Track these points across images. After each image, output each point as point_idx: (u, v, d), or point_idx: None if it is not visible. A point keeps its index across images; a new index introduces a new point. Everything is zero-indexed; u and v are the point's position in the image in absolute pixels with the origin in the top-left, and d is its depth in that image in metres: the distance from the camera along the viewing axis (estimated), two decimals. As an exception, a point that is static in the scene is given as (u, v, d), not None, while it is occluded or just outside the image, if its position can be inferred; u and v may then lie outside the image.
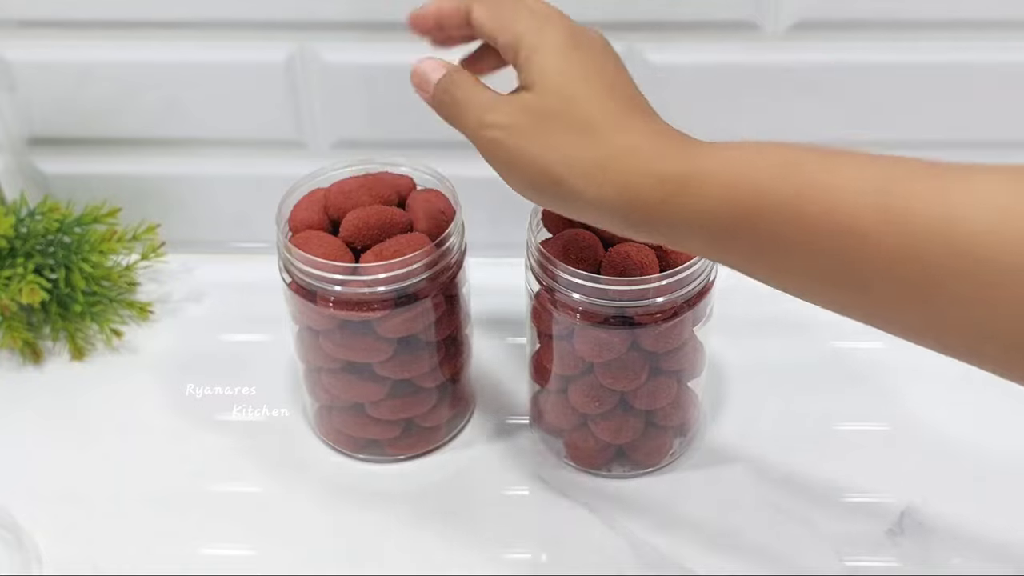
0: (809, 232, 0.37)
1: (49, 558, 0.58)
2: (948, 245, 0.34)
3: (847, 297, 0.38)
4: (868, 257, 0.36)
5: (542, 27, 0.45)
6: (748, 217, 0.38)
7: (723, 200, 0.39)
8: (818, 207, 0.36)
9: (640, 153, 0.41)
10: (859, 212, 0.35)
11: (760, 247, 0.39)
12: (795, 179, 0.37)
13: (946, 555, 0.57)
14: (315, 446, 0.65)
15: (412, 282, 0.56)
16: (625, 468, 0.62)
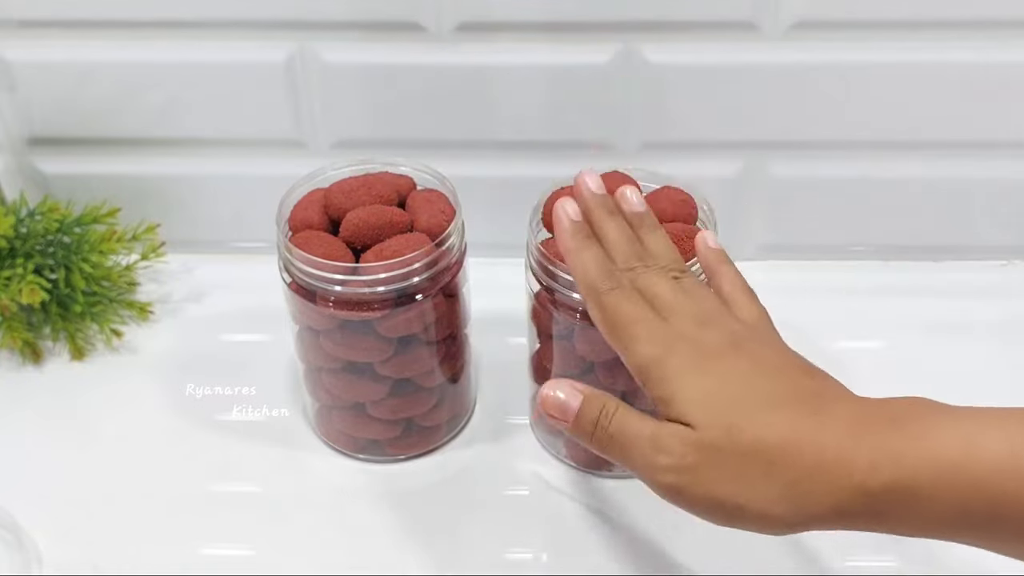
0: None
1: (49, 558, 0.58)
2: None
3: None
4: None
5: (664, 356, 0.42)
6: (983, 522, 0.37)
7: (949, 506, 0.37)
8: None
9: (833, 467, 0.37)
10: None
11: (998, 542, 0.38)
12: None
13: (946, 555, 0.57)
14: (315, 446, 0.65)
15: (412, 282, 0.56)
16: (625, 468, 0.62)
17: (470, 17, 0.67)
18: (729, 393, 0.40)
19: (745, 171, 0.74)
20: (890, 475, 0.37)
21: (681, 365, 0.41)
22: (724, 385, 0.40)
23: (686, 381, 0.41)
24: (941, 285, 0.76)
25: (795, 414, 0.39)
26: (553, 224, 0.47)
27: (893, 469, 0.37)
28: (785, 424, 0.39)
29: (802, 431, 0.38)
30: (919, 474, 0.36)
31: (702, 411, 0.40)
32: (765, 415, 0.39)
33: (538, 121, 0.72)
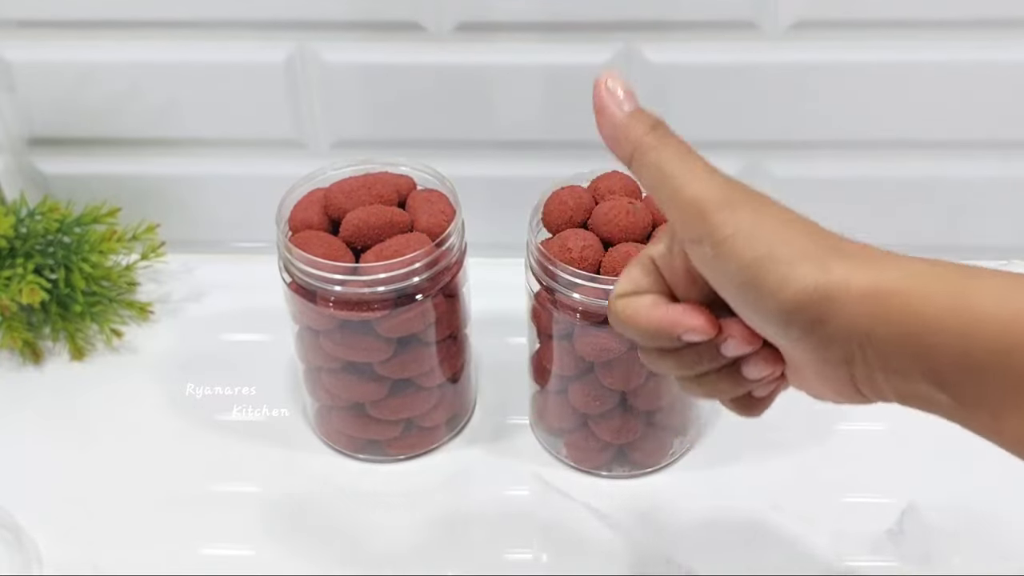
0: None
1: (49, 558, 0.58)
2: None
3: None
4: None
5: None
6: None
7: (997, 312, 0.33)
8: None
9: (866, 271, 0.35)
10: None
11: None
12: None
13: (946, 555, 0.57)
14: (315, 446, 0.65)
15: (412, 282, 0.56)
16: (625, 468, 0.62)
17: (470, 17, 0.67)
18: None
19: (745, 171, 0.74)
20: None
21: None
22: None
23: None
24: (941, 285, 0.76)
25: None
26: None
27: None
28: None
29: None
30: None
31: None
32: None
33: (538, 121, 0.72)
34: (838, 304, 0.35)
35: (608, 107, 0.40)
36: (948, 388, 0.35)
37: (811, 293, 0.35)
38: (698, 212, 0.37)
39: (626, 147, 0.39)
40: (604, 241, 0.57)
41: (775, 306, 0.36)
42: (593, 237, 0.57)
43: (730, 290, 0.37)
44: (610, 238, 0.57)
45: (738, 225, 0.36)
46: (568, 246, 0.56)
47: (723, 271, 0.37)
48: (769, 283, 0.35)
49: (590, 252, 0.56)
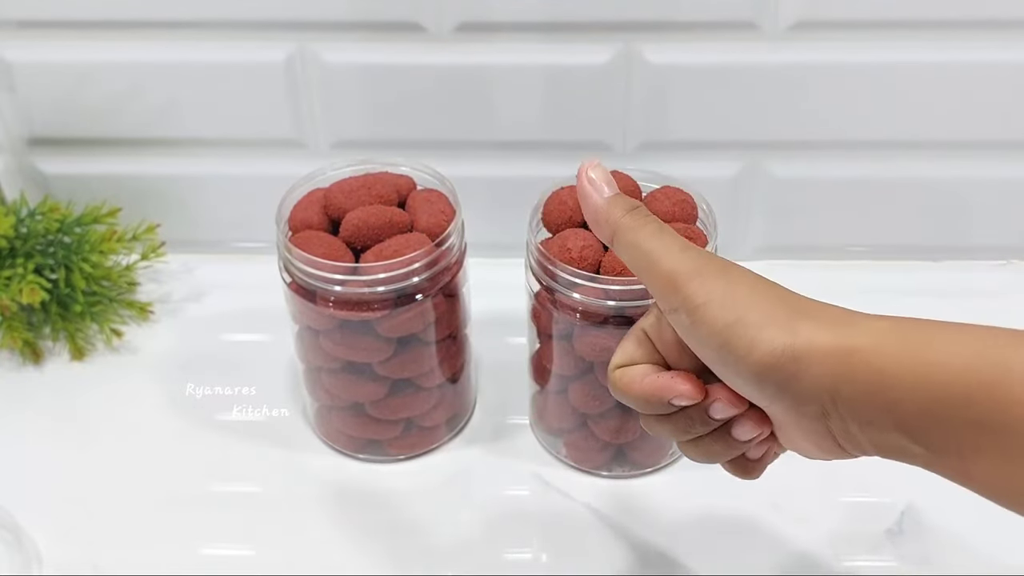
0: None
1: (49, 558, 0.58)
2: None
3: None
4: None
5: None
6: (986, 376, 0.35)
7: (955, 358, 0.35)
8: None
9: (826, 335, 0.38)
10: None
11: (991, 414, 0.35)
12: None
13: (946, 555, 0.57)
14: (315, 446, 0.65)
15: (412, 282, 0.56)
16: (625, 468, 0.62)
17: (470, 17, 0.67)
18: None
19: (745, 171, 0.74)
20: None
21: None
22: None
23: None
24: (940, 285, 0.76)
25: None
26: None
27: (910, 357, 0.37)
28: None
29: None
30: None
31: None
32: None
33: (538, 121, 0.72)
34: (804, 363, 0.37)
35: (590, 195, 0.45)
36: (918, 438, 0.36)
37: (779, 355, 0.38)
38: (673, 283, 0.40)
39: (607, 229, 0.44)
40: (604, 241, 0.57)
41: (747, 368, 0.38)
42: (593, 237, 0.57)
43: (708, 354, 0.40)
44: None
45: (710, 294, 0.39)
46: (568, 246, 0.56)
47: (699, 337, 0.40)
48: (740, 346, 0.38)
49: (590, 252, 0.56)
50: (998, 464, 0.35)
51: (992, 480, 0.36)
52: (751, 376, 0.38)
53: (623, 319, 0.55)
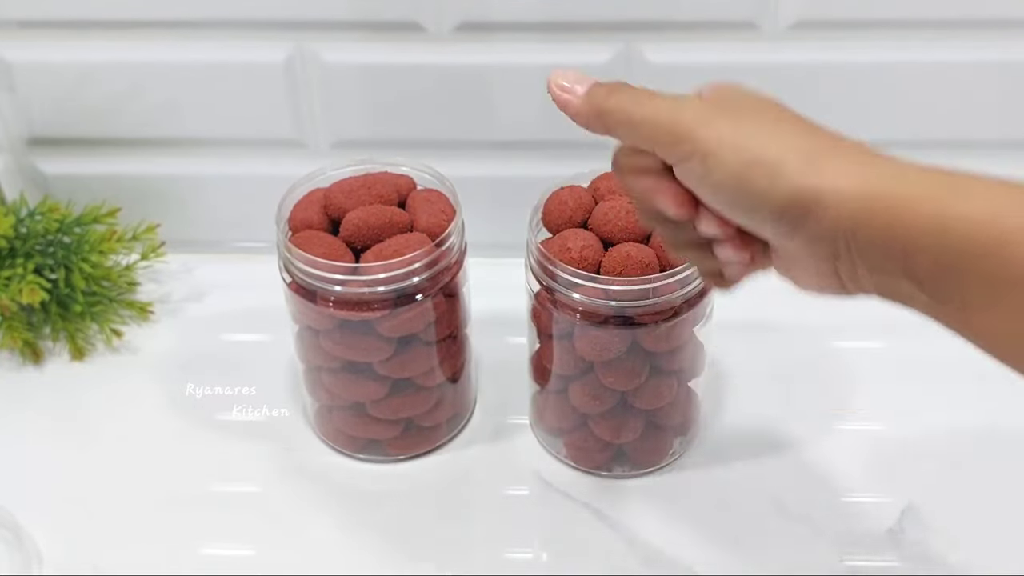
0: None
1: (49, 558, 0.58)
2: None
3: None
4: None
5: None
6: (1003, 232, 0.35)
7: (976, 211, 0.35)
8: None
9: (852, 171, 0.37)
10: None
11: (1007, 270, 0.34)
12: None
13: (946, 555, 0.57)
14: (315, 446, 0.65)
15: (412, 282, 0.56)
16: (625, 468, 0.62)
17: (470, 17, 0.67)
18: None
19: (745, 171, 0.73)
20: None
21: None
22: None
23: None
24: (941, 285, 0.76)
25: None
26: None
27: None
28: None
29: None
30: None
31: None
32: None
33: (538, 121, 0.72)
34: (826, 205, 0.36)
35: (568, 101, 0.43)
36: (927, 287, 0.36)
37: (801, 196, 0.37)
38: (678, 135, 0.39)
39: (597, 124, 0.42)
40: (604, 241, 0.57)
41: (765, 208, 0.37)
42: (593, 237, 0.57)
43: (723, 198, 0.39)
44: (610, 238, 0.57)
45: (720, 138, 0.38)
46: (568, 246, 0.56)
47: (714, 183, 0.38)
48: (758, 188, 0.37)
49: (590, 252, 0.56)
50: (1005, 319, 0.35)
51: (994, 333, 0.36)
52: (768, 216, 0.37)
53: (623, 319, 0.55)
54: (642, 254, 0.55)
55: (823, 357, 0.70)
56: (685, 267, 0.54)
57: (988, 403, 0.65)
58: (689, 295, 0.56)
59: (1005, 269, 0.34)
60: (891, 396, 0.67)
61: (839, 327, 0.72)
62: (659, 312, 0.55)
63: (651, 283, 0.54)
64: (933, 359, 0.69)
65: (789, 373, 0.69)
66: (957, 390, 0.66)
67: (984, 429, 0.64)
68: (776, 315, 0.73)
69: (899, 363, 0.69)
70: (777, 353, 0.70)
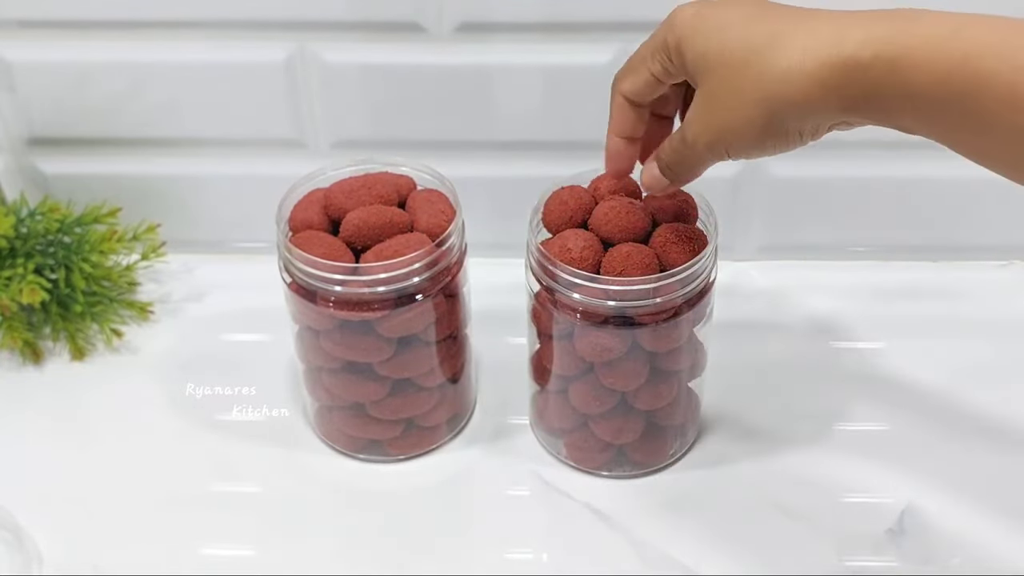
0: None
1: (49, 558, 0.58)
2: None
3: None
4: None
5: (672, 27, 0.51)
6: (959, 89, 0.39)
7: (933, 78, 0.39)
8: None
9: (827, 38, 0.42)
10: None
11: (966, 121, 0.39)
12: (1010, 57, 0.38)
13: (946, 555, 0.57)
14: (315, 446, 0.65)
15: (412, 282, 0.56)
16: (625, 468, 0.62)
17: (470, 17, 0.67)
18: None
19: (745, 171, 0.73)
20: (880, 47, 0.40)
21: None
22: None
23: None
24: (941, 285, 0.76)
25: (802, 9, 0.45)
26: None
27: (883, 44, 0.40)
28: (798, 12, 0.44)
29: (801, 17, 0.44)
30: (908, 45, 0.40)
31: (701, 77, 0.47)
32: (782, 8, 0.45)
33: (538, 121, 0.72)
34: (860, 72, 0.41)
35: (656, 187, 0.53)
36: (924, 122, 0.41)
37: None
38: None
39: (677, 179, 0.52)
40: (604, 241, 0.57)
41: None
42: (593, 237, 0.57)
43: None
44: (610, 238, 0.57)
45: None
46: (568, 246, 0.56)
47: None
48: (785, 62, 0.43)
49: (590, 252, 0.56)
50: (976, 154, 0.41)
51: (973, 149, 0.41)
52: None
53: (623, 319, 0.55)
54: (642, 254, 0.55)
55: (823, 357, 0.70)
56: (685, 267, 0.54)
57: (988, 402, 0.65)
58: (689, 295, 0.56)
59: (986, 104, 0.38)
60: (891, 396, 0.67)
61: (839, 327, 0.72)
62: (659, 312, 0.55)
63: (651, 283, 0.54)
64: (933, 359, 0.69)
65: (789, 373, 0.69)
66: (957, 389, 0.66)
67: (984, 429, 0.64)
68: (776, 315, 0.73)
69: (899, 363, 0.69)
70: (777, 353, 0.70)
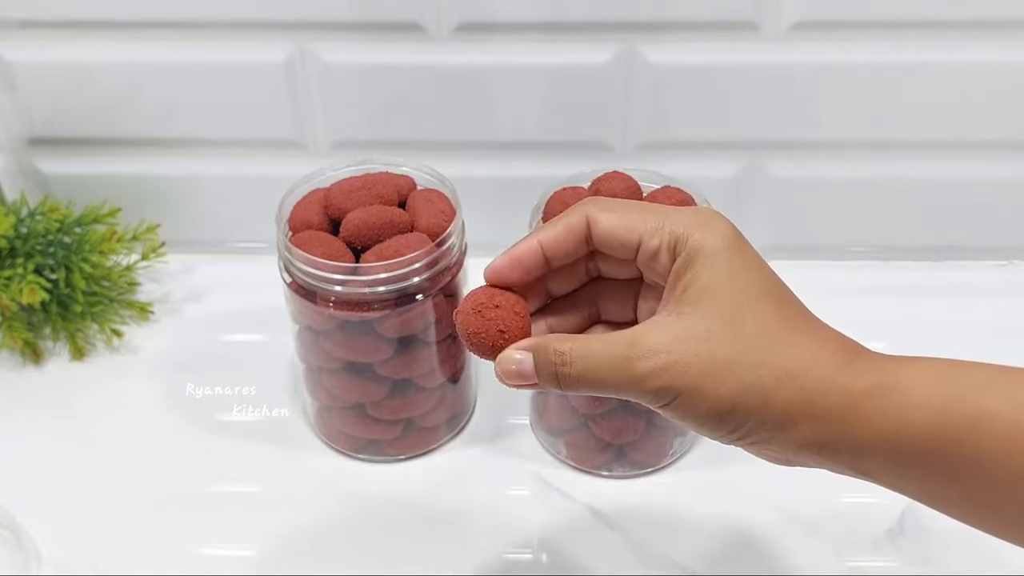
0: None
1: (49, 558, 0.58)
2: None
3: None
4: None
5: (707, 227, 0.39)
6: (955, 430, 0.35)
7: (924, 410, 0.35)
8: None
9: (823, 365, 0.37)
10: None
11: (960, 466, 0.35)
12: (1007, 394, 0.35)
13: (946, 555, 0.57)
14: (315, 446, 0.65)
15: (412, 282, 0.56)
16: (625, 468, 0.62)
17: (470, 17, 0.67)
18: (756, 280, 0.39)
19: (745, 171, 0.74)
20: (875, 377, 0.37)
21: (722, 242, 0.39)
22: (754, 273, 0.39)
23: (721, 260, 0.39)
24: (941, 285, 0.76)
25: (800, 319, 0.39)
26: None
27: (878, 372, 0.37)
28: (791, 324, 0.38)
29: (803, 334, 0.38)
30: (901, 378, 0.37)
31: (722, 289, 0.38)
32: (775, 313, 0.38)
33: (538, 121, 0.72)
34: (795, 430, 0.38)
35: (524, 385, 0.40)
36: (875, 477, 0.38)
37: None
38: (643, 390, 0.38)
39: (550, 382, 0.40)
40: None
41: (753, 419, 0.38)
42: (593, 237, 0.56)
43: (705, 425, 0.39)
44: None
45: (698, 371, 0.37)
46: (568, 246, 0.55)
47: (699, 416, 0.38)
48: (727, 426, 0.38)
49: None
50: (961, 506, 0.37)
51: (929, 501, 0.37)
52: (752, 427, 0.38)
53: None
54: (642, 254, 0.55)
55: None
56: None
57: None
58: (689, 295, 0.55)
59: (960, 467, 0.35)
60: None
61: (840, 327, 0.72)
62: (659, 312, 0.55)
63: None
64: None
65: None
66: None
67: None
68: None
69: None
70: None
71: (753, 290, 0.38)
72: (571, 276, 0.43)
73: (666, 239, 0.39)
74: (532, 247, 0.40)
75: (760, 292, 0.38)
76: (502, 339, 0.40)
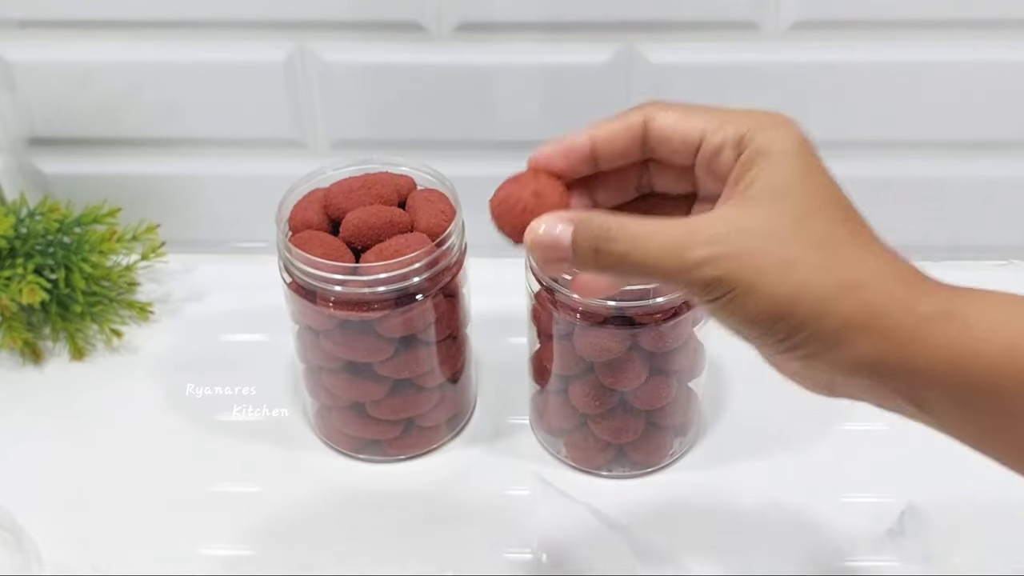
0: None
1: (49, 558, 0.58)
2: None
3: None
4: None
5: (777, 128, 0.38)
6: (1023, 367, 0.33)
7: (991, 343, 0.34)
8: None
9: (889, 281, 0.35)
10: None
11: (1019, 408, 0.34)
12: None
13: (946, 555, 0.57)
14: (315, 446, 0.65)
15: (412, 282, 0.56)
16: (625, 468, 0.62)
17: (470, 17, 0.67)
18: (822, 184, 0.37)
19: (745, 171, 0.73)
20: (942, 302, 0.35)
21: (792, 145, 0.38)
22: (821, 177, 0.37)
23: (790, 160, 0.37)
24: (941, 285, 0.76)
25: (865, 229, 0.37)
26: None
27: (945, 298, 0.35)
28: (857, 232, 0.36)
29: (869, 245, 0.36)
30: (969, 306, 0.35)
31: (790, 188, 0.36)
32: (843, 218, 0.36)
33: (538, 121, 0.72)
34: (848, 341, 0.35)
35: (559, 267, 0.38)
36: (930, 412, 0.36)
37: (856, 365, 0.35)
38: (686, 265, 0.35)
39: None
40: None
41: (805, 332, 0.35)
42: (593, 237, 0.56)
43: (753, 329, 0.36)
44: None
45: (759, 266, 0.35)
46: (568, 246, 0.55)
47: (749, 315, 0.36)
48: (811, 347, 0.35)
49: (590, 252, 0.55)
50: (1005, 438, 0.35)
51: (985, 443, 0.36)
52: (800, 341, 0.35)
53: (623, 319, 0.55)
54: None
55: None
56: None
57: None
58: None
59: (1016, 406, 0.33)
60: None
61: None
62: (659, 312, 0.55)
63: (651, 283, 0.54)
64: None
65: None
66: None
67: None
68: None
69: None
70: (777, 353, 0.70)
71: (821, 197, 0.36)
72: (620, 188, 0.40)
73: (731, 134, 0.37)
74: (582, 140, 0.38)
75: (828, 200, 0.36)
76: (536, 201, 0.36)
